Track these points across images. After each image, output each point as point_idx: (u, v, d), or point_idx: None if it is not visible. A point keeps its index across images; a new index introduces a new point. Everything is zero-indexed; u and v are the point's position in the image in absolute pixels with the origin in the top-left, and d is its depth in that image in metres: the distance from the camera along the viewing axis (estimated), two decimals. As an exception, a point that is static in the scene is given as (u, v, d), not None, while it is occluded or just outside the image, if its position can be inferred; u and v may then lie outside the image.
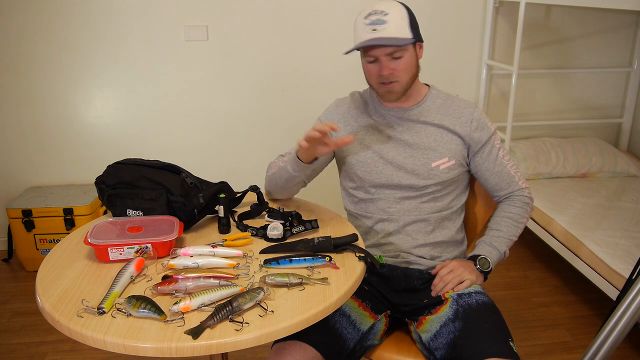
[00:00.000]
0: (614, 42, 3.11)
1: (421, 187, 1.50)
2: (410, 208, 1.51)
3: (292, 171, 1.49)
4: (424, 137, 1.50)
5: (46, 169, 2.88)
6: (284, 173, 1.52)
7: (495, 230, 1.51)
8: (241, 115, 2.91)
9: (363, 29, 1.40)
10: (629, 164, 2.91)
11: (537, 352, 2.12)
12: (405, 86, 1.45)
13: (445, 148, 1.49)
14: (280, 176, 1.54)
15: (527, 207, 1.54)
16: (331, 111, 1.61)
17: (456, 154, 1.50)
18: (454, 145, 1.50)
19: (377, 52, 1.40)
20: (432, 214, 1.52)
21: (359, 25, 1.42)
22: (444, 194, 1.52)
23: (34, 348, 2.16)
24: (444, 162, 1.49)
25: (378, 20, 1.37)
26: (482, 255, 1.46)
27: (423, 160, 1.49)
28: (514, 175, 1.54)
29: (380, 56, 1.40)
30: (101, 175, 1.47)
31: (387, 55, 1.40)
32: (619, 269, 1.99)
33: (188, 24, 2.73)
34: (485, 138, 1.51)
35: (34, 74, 2.72)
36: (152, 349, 1.00)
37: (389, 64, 1.41)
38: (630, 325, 1.11)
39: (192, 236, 1.42)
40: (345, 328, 1.36)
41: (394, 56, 1.40)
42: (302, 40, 2.84)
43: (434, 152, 1.49)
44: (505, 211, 1.53)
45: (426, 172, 1.49)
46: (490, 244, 1.48)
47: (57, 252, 1.33)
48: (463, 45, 2.98)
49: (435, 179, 1.49)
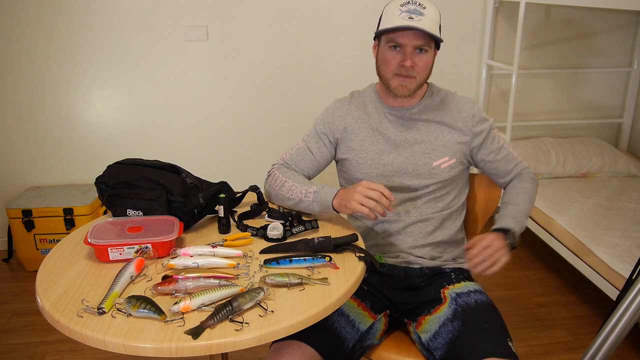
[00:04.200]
0: (614, 42, 3.11)
1: (422, 187, 1.50)
2: (410, 209, 1.51)
3: (316, 209, 1.44)
4: (424, 135, 1.50)
5: (46, 169, 2.88)
6: (303, 206, 1.47)
7: (514, 205, 1.49)
8: (241, 115, 2.92)
9: (398, 14, 1.38)
10: (629, 164, 2.91)
11: (537, 352, 2.12)
12: (418, 85, 1.45)
13: (446, 147, 1.49)
14: (295, 205, 1.49)
15: (535, 183, 1.56)
16: (332, 112, 1.58)
17: (457, 152, 1.50)
18: (454, 143, 1.50)
19: (407, 40, 1.39)
20: (433, 214, 1.52)
21: (393, 10, 1.41)
22: (444, 193, 1.52)
23: (34, 348, 2.16)
24: (445, 161, 1.49)
25: (416, 11, 1.38)
26: (512, 230, 1.40)
27: (424, 159, 1.49)
28: (517, 156, 1.57)
29: (408, 46, 1.39)
30: (101, 175, 1.47)
31: (415, 46, 1.40)
32: (619, 269, 1.99)
33: (188, 24, 2.73)
34: (487, 129, 1.52)
35: (34, 74, 2.72)
36: (152, 349, 1.00)
37: (413, 57, 1.40)
38: (630, 325, 1.11)
39: (192, 236, 1.42)
40: (344, 328, 1.36)
41: (420, 48, 1.40)
42: (302, 40, 2.83)
43: (434, 151, 1.49)
44: (519, 187, 1.53)
45: (427, 171, 1.49)
46: (514, 217, 1.45)
47: (57, 252, 1.33)
48: (463, 45, 2.99)
49: (437, 178, 1.49)
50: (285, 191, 1.50)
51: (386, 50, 1.43)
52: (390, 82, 1.45)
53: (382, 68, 1.47)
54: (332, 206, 1.41)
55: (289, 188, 1.49)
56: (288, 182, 1.51)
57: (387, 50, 1.43)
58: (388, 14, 1.42)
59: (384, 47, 1.44)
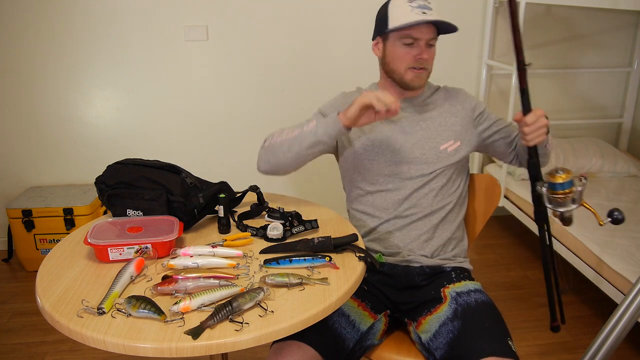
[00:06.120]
0: (614, 42, 3.11)
1: (429, 173, 1.52)
2: (413, 203, 1.52)
3: (324, 135, 1.39)
4: (429, 122, 1.55)
5: (46, 169, 2.88)
6: (309, 137, 1.41)
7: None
8: (241, 115, 2.91)
9: (410, 11, 1.44)
10: (629, 164, 2.91)
11: (537, 352, 2.12)
12: (428, 76, 1.53)
13: (450, 130, 1.55)
14: (300, 142, 1.42)
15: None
16: (340, 99, 1.61)
17: (461, 135, 1.56)
18: (458, 126, 1.56)
19: (422, 35, 1.45)
20: (437, 208, 1.53)
21: (401, 7, 1.46)
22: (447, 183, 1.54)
23: (34, 348, 2.16)
24: (450, 145, 1.54)
25: (426, 6, 1.46)
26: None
27: (431, 144, 1.53)
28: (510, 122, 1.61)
29: (422, 39, 1.46)
30: (101, 175, 1.47)
31: (427, 40, 1.46)
32: (619, 269, 1.99)
33: (188, 24, 2.73)
34: (482, 108, 1.61)
35: (34, 73, 2.72)
36: (152, 349, 1.00)
37: (426, 49, 1.47)
38: (630, 325, 1.11)
39: (192, 236, 1.42)
40: (344, 328, 1.36)
41: (430, 43, 1.48)
42: (302, 40, 2.83)
43: (440, 135, 1.54)
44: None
45: (435, 155, 1.52)
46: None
47: (57, 252, 1.33)
48: (463, 45, 2.99)
49: (444, 162, 1.52)
50: (284, 137, 1.47)
51: (399, 47, 1.48)
52: (404, 76, 1.50)
53: (394, 64, 1.51)
54: (338, 119, 1.38)
55: (287, 133, 1.47)
56: (284, 131, 1.49)
57: (399, 47, 1.48)
58: (396, 11, 1.46)
59: (394, 43, 1.49)
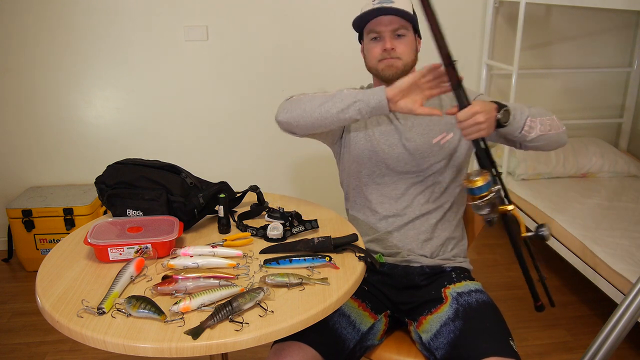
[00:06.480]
0: (614, 42, 3.11)
1: (425, 169, 1.52)
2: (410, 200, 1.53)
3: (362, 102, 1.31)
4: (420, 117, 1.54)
5: (46, 169, 2.87)
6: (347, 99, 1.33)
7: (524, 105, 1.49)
8: (241, 115, 2.91)
9: (369, 6, 1.47)
10: (629, 164, 2.91)
11: (537, 352, 2.12)
12: (405, 65, 1.48)
13: (442, 122, 1.54)
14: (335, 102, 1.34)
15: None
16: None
17: (454, 126, 1.49)
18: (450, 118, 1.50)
19: (383, 27, 1.46)
20: (435, 206, 1.53)
21: (366, 4, 1.49)
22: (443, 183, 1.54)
23: (34, 348, 2.16)
24: (443, 137, 1.54)
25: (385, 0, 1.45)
26: (507, 107, 1.35)
27: (423, 139, 1.53)
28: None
29: (385, 31, 1.46)
30: (101, 175, 1.47)
31: (391, 31, 1.46)
32: (619, 269, 1.99)
33: (188, 24, 2.73)
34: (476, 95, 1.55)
35: (34, 74, 2.72)
36: (152, 349, 1.00)
37: (392, 40, 1.46)
38: (630, 325, 1.10)
39: (192, 236, 1.42)
40: (344, 328, 1.36)
41: (398, 33, 1.47)
42: (302, 40, 2.83)
43: (431, 130, 1.53)
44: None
45: (428, 149, 1.52)
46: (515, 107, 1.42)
47: (57, 252, 1.33)
48: (463, 45, 2.99)
49: (438, 156, 1.52)
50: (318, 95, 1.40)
51: (368, 43, 1.51)
52: (377, 68, 1.51)
53: (369, 61, 1.53)
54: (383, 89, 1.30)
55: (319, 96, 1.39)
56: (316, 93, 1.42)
57: (369, 43, 1.51)
58: (362, 8, 1.50)
59: (366, 41, 1.53)
